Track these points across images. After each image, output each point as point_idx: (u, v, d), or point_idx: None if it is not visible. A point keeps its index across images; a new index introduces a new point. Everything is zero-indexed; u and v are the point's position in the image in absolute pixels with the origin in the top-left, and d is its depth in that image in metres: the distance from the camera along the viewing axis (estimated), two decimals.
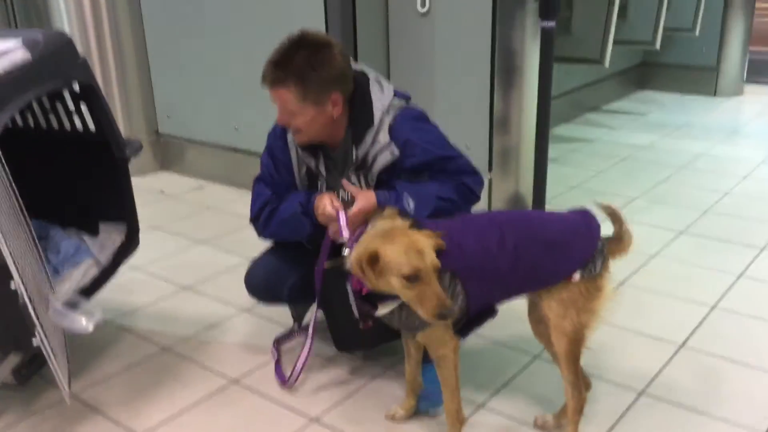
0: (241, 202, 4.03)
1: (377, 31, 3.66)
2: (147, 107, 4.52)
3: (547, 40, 3.06)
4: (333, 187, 2.29)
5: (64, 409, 2.27)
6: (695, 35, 5.70)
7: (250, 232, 2.39)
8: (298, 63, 2.07)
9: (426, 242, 1.76)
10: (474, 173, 2.22)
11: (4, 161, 1.85)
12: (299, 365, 2.28)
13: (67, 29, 4.20)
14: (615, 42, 4.48)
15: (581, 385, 1.98)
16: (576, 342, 1.92)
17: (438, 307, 1.71)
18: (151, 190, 4.22)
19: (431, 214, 2.07)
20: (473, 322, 1.97)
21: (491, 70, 3.45)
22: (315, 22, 3.55)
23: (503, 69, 3.45)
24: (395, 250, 1.72)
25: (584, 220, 1.95)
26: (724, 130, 5.30)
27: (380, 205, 2.02)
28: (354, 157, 2.20)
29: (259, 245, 2.48)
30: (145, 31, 4.41)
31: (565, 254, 1.88)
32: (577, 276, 1.87)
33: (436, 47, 3.56)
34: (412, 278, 1.71)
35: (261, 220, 2.30)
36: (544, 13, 3.03)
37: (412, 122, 2.21)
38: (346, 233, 1.97)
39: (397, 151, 2.15)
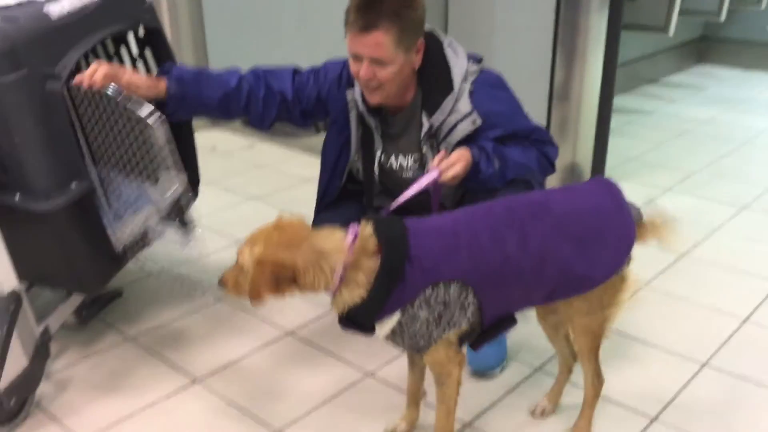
0: (291, 161, 4.04)
1: None
2: (200, 64, 4.52)
3: (615, 9, 2.95)
4: (389, 153, 2.24)
5: (122, 351, 2.32)
6: (761, 9, 5.47)
7: (301, 190, 2.37)
8: (391, 2, 1.92)
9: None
10: (553, 144, 2.16)
11: (69, 104, 1.86)
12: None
13: None
14: (680, 12, 4.32)
15: (600, 372, 1.84)
16: (600, 336, 1.78)
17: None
18: (203, 146, 4.22)
19: (510, 180, 2.03)
20: (487, 334, 1.75)
21: (554, 36, 3.35)
22: None
23: (567, 35, 3.34)
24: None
25: (614, 203, 1.70)
26: None
27: (474, 162, 1.96)
28: (428, 125, 2.10)
29: (310, 203, 2.45)
30: None
31: (600, 254, 1.66)
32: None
33: (497, 11, 3.47)
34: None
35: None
36: None
37: (492, 91, 2.12)
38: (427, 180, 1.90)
39: (479, 121, 2.04)
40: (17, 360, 1.89)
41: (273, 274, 1.55)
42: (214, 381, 2.17)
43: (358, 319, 1.64)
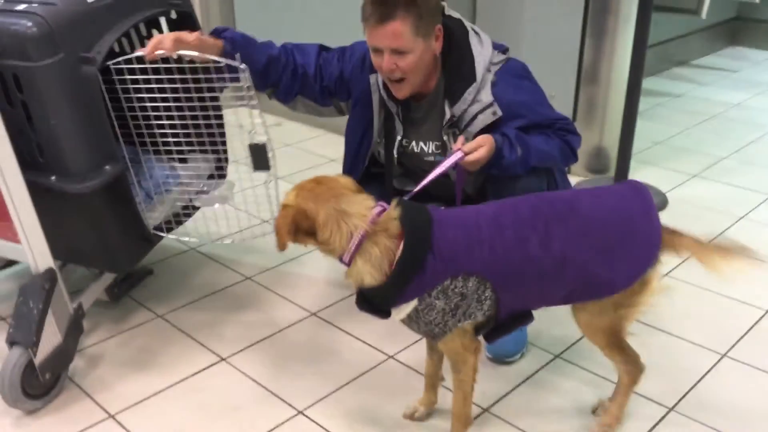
0: (319, 140, 4.07)
1: None
2: None
3: None
4: (410, 138, 2.26)
5: (152, 328, 2.38)
6: None
7: (326, 170, 2.39)
8: None
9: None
10: (576, 133, 2.16)
11: (103, 87, 1.90)
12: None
13: None
14: None
15: (633, 359, 1.82)
16: (614, 334, 1.75)
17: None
18: (230, 124, 4.27)
19: (531, 167, 2.04)
20: (503, 327, 1.77)
21: (584, 17, 3.33)
22: None
23: (596, 16, 3.32)
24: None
25: (643, 209, 1.68)
26: None
27: (497, 148, 1.97)
28: (449, 114, 2.12)
29: None
30: None
31: (623, 260, 1.64)
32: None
33: None
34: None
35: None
36: None
37: (516, 80, 2.12)
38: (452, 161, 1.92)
39: (500, 112, 2.06)
40: (52, 336, 1.96)
41: (294, 220, 1.61)
42: (241, 359, 2.22)
43: (375, 303, 1.67)
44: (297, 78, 2.27)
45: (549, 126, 2.13)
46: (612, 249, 1.63)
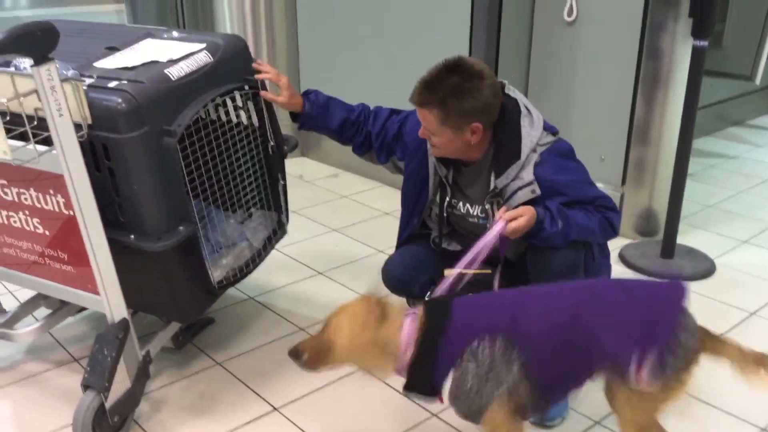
0: (374, 192, 4.23)
1: (521, 38, 3.70)
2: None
3: (697, 59, 3.01)
4: (458, 199, 2.42)
5: (212, 375, 2.53)
6: None
7: (380, 223, 2.53)
8: (444, 89, 2.14)
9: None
10: (616, 210, 2.28)
11: (180, 154, 2.08)
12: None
13: (228, 25, 4.56)
14: None
15: None
16: (649, 426, 1.81)
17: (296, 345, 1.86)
18: (290, 174, 4.47)
19: (571, 241, 2.16)
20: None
21: (635, 82, 3.42)
22: (460, 27, 3.64)
23: (647, 80, 3.41)
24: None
25: (670, 307, 1.73)
26: None
27: (538, 220, 2.11)
28: (492, 185, 2.28)
29: (388, 238, 2.61)
30: (298, 27, 4.66)
31: (628, 338, 1.70)
32: (644, 375, 1.68)
33: (579, 56, 3.57)
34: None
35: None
36: (697, 31, 2.97)
37: (560, 161, 2.26)
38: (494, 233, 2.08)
39: (538, 191, 2.20)
40: (122, 381, 2.13)
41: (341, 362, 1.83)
42: (293, 410, 2.35)
43: (416, 382, 1.80)
44: (368, 138, 2.59)
45: (590, 203, 2.24)
46: (617, 331, 1.71)
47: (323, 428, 2.27)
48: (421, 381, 1.79)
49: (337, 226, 3.78)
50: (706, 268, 3.29)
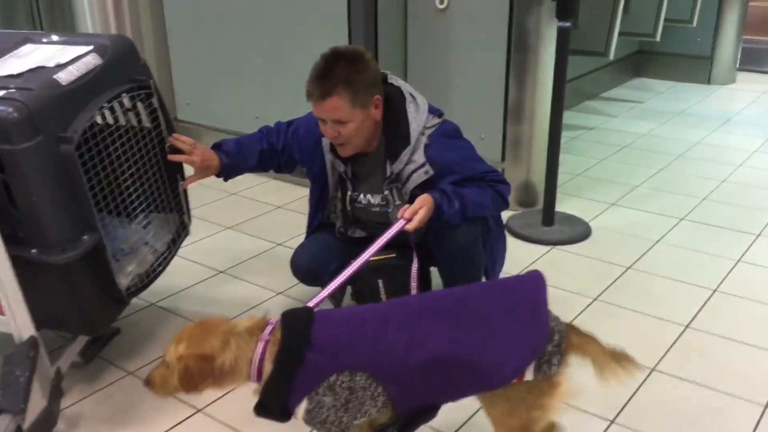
0: (263, 187, 4.22)
1: (397, 27, 3.83)
2: (165, 94, 4.62)
3: (563, 39, 3.24)
4: (358, 191, 2.52)
5: (126, 385, 2.47)
6: (693, 25, 5.88)
7: (274, 217, 2.55)
8: (341, 73, 2.22)
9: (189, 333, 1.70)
10: (505, 182, 2.44)
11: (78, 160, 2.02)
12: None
13: (89, 25, 4.37)
14: (618, 34, 4.66)
15: None
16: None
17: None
18: None
19: (468, 217, 2.31)
20: (408, 425, 1.77)
21: (507, 64, 3.63)
22: (338, 17, 3.71)
23: (518, 62, 3.64)
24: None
25: (533, 300, 1.69)
26: (719, 118, 5.52)
27: (436, 205, 2.22)
28: (389, 172, 2.39)
29: (284, 231, 2.65)
30: (165, 19, 4.54)
31: (507, 354, 1.64)
32: (529, 376, 1.64)
33: (453, 43, 3.74)
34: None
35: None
36: (561, 13, 3.20)
37: (447, 141, 2.40)
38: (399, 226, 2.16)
39: (431, 171, 2.33)
40: (38, 401, 2.04)
41: (195, 368, 1.65)
42: (217, 409, 2.34)
43: (267, 406, 1.70)
44: (275, 158, 2.62)
45: (481, 178, 2.39)
46: (496, 342, 1.64)
47: (250, 425, 2.28)
48: (273, 406, 1.71)
49: (231, 224, 3.75)
50: (583, 231, 3.57)
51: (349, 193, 2.53)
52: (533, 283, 1.73)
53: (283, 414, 1.72)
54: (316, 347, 1.66)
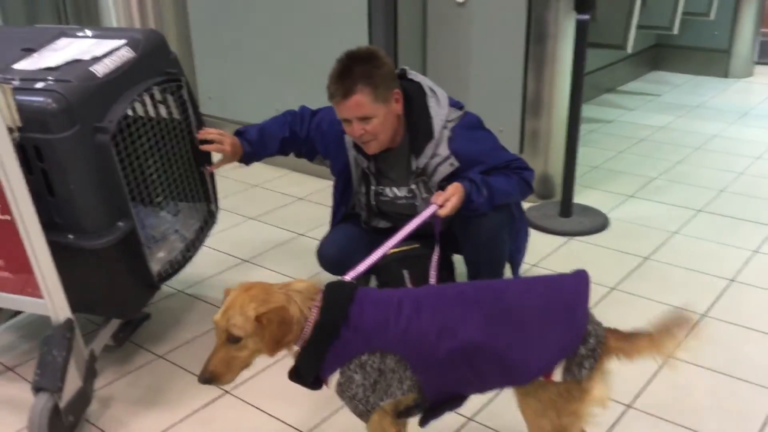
0: (283, 180, 4.29)
1: (416, 23, 3.88)
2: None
3: (581, 32, 3.28)
4: (383, 185, 2.57)
5: (155, 368, 2.56)
6: (710, 19, 5.88)
7: (296, 208, 2.61)
8: (359, 69, 2.27)
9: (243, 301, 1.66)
10: (529, 168, 2.49)
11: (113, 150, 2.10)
12: None
13: (113, 22, 4.46)
14: (636, 27, 4.68)
15: None
16: None
17: (202, 371, 1.67)
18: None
19: (496, 205, 2.36)
20: (433, 411, 1.78)
21: (525, 58, 3.68)
22: (359, 15, 3.77)
23: (536, 56, 3.68)
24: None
25: (573, 300, 1.66)
26: (737, 111, 5.52)
27: (466, 194, 2.27)
28: (414, 166, 2.44)
29: (306, 222, 2.71)
30: (189, 14, 4.62)
31: (537, 350, 1.63)
32: (557, 376, 1.63)
33: (472, 37, 3.78)
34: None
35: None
36: (580, 6, 3.24)
37: (470, 133, 2.45)
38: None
39: (456, 163, 2.39)
40: (74, 381, 2.13)
41: (278, 321, 1.63)
42: (244, 391, 2.42)
43: (301, 372, 1.74)
44: (304, 147, 2.69)
45: (506, 166, 2.44)
46: (527, 337, 1.64)
47: (277, 404, 2.36)
48: (305, 371, 1.74)
49: (254, 215, 3.83)
50: (601, 222, 3.61)
51: (372, 187, 2.59)
52: (577, 282, 1.69)
53: (315, 383, 1.76)
54: (351, 325, 1.68)
